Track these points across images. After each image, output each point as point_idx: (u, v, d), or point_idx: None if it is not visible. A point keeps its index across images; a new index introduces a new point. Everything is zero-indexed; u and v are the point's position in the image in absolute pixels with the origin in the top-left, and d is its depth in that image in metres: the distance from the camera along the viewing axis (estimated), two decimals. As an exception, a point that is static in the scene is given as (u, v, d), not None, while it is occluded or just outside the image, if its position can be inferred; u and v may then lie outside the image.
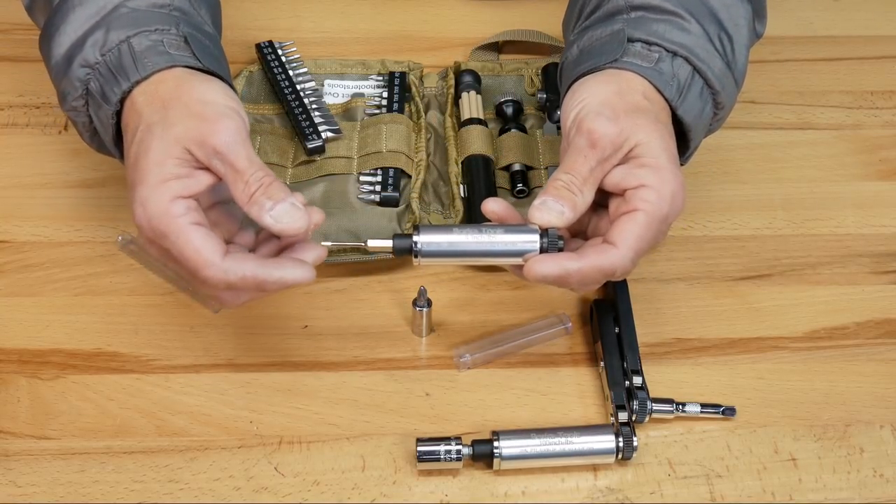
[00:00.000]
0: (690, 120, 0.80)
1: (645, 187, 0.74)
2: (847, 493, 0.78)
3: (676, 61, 0.79)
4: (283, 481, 0.78)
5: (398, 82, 1.02)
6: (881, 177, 0.99)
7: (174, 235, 0.71)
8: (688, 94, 0.80)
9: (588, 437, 0.77)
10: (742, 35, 0.83)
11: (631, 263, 0.74)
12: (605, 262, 0.73)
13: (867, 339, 0.87)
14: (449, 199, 0.94)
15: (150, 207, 0.71)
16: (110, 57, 0.77)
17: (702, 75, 0.80)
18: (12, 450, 0.78)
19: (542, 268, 0.73)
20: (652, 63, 0.79)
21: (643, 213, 0.74)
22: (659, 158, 0.75)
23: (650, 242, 0.75)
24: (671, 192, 0.74)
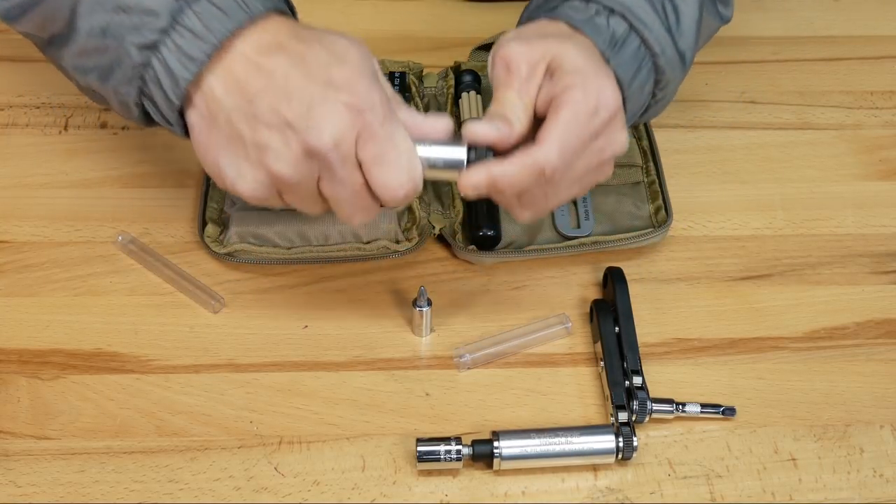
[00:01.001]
0: (624, 76, 0.78)
1: (568, 87, 0.74)
2: (847, 493, 0.78)
3: (613, 18, 0.79)
4: (283, 481, 0.78)
5: (398, 82, 1.02)
6: (881, 177, 0.99)
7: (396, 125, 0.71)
8: (622, 48, 0.79)
9: (588, 437, 0.77)
10: (691, 8, 0.82)
11: (558, 158, 0.73)
12: (529, 159, 0.72)
13: (867, 339, 0.87)
14: (449, 199, 0.94)
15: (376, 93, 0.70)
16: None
17: (638, 34, 0.79)
18: (12, 450, 0.78)
19: (470, 177, 0.73)
20: (587, 16, 0.79)
21: (566, 107, 0.73)
22: (576, 61, 0.75)
23: (580, 137, 0.74)
24: (595, 85, 0.74)
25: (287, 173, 0.71)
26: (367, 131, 0.70)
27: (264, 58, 0.71)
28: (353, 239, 0.90)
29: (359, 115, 0.70)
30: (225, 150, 0.73)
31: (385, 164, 0.71)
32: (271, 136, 0.71)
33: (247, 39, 0.72)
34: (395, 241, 0.90)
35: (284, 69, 0.70)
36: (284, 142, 0.70)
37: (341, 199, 0.73)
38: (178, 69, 0.71)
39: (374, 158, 0.71)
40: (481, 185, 0.73)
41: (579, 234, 0.91)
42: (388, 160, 0.71)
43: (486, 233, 0.90)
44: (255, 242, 0.89)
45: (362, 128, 0.70)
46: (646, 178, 0.96)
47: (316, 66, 0.70)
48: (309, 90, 0.70)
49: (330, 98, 0.70)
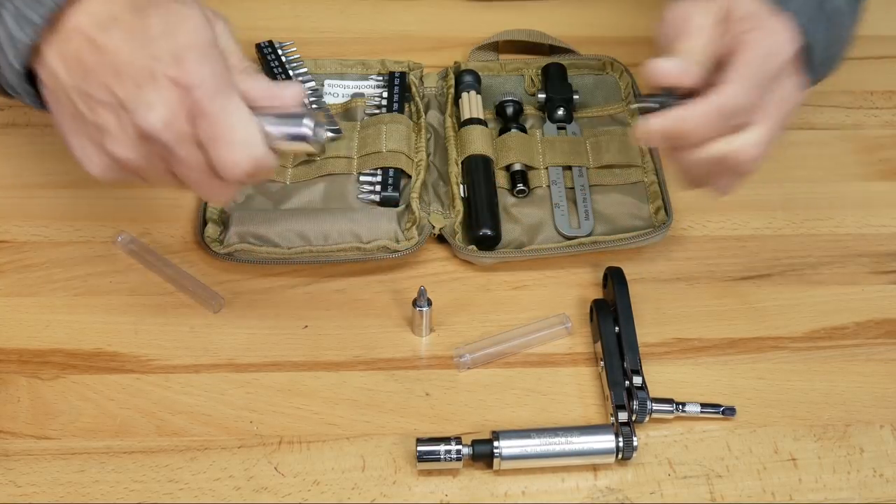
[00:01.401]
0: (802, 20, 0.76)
1: (744, 31, 0.72)
2: (847, 493, 0.78)
3: None
4: (283, 481, 0.78)
5: (398, 82, 1.02)
6: (881, 177, 0.99)
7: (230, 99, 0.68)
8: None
9: (588, 437, 0.77)
10: None
11: (744, 96, 0.71)
12: (716, 100, 0.70)
13: (867, 339, 0.87)
14: (449, 199, 0.94)
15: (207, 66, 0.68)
16: None
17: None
18: (12, 450, 0.78)
19: (656, 122, 0.71)
20: None
21: (744, 50, 0.72)
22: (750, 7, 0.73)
23: (762, 78, 0.72)
24: (768, 28, 0.73)
25: (127, 156, 0.70)
26: (196, 108, 0.68)
27: (99, 32, 0.69)
28: (353, 239, 0.90)
29: (187, 92, 0.67)
30: (70, 129, 0.72)
31: (219, 141, 0.68)
32: (108, 118, 0.69)
33: (85, 10, 0.69)
34: (395, 241, 0.90)
35: (116, 44, 0.68)
36: (119, 124, 0.69)
37: (190, 180, 0.71)
38: (16, 32, 0.70)
39: (208, 136, 0.68)
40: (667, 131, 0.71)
41: (579, 234, 0.91)
42: (222, 137, 0.68)
43: (486, 233, 0.90)
44: (255, 242, 0.89)
45: (192, 105, 0.68)
46: (646, 178, 0.96)
47: (147, 40, 0.68)
48: (138, 67, 0.68)
49: (158, 75, 0.67)
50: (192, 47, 0.68)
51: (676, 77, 0.72)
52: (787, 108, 0.76)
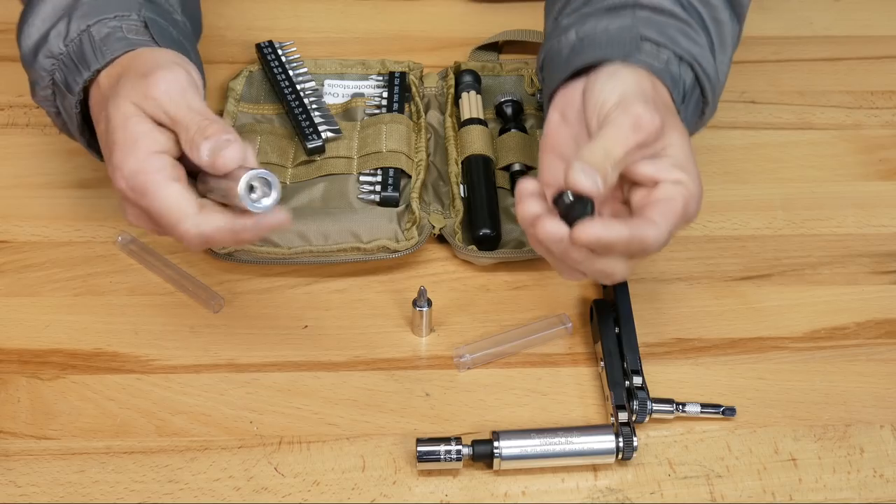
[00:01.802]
0: (689, 126, 0.80)
1: (681, 183, 0.73)
2: (847, 493, 0.78)
3: (682, 66, 0.79)
4: (283, 481, 0.78)
5: (398, 82, 1.02)
6: (881, 177, 0.99)
7: (152, 190, 0.71)
8: (690, 100, 0.80)
9: (588, 437, 0.77)
10: (727, 55, 0.84)
11: (662, 244, 0.73)
12: (647, 233, 0.71)
13: (867, 339, 0.87)
14: (449, 199, 0.94)
15: (126, 167, 0.71)
16: (73, 47, 0.78)
17: (700, 85, 0.80)
18: (12, 450, 0.78)
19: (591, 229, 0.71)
20: (662, 64, 0.78)
21: (681, 200, 0.73)
22: (689, 162, 0.74)
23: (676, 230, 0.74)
24: (699, 194, 0.74)
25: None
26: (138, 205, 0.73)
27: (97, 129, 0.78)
28: (353, 239, 0.90)
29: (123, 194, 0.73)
30: None
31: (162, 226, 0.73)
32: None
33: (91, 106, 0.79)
34: (395, 241, 0.90)
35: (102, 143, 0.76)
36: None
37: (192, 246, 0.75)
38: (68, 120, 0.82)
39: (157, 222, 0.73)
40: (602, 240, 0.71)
41: (579, 234, 0.91)
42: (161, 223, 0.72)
43: (486, 233, 0.90)
44: (255, 242, 0.89)
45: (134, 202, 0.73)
46: (646, 178, 0.96)
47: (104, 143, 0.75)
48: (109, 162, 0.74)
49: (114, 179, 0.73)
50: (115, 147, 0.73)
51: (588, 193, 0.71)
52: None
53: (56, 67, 0.79)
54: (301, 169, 0.96)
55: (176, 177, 0.72)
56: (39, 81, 0.81)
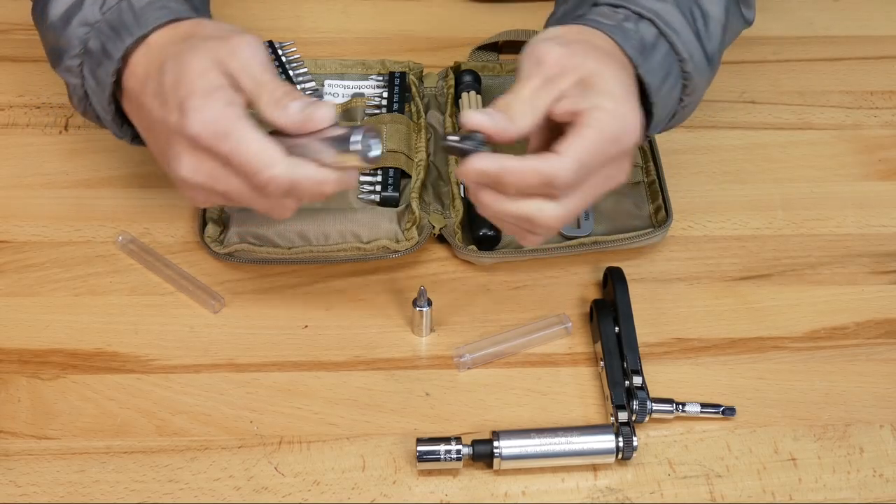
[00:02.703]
0: (653, 82, 0.78)
1: (597, 108, 0.72)
2: (847, 493, 0.78)
3: (642, 23, 0.79)
4: (283, 481, 0.78)
5: (398, 82, 1.02)
6: (881, 177, 0.99)
7: (237, 134, 0.71)
8: (651, 54, 0.78)
9: (588, 437, 0.77)
10: (718, 13, 0.82)
11: (572, 174, 0.71)
12: (544, 165, 0.71)
13: (867, 339, 0.87)
14: (449, 199, 0.94)
15: (207, 112, 0.71)
16: (110, 15, 0.78)
17: (668, 39, 0.79)
18: (12, 450, 0.79)
19: (479, 161, 0.72)
20: (615, 22, 0.78)
21: (591, 127, 0.72)
22: (610, 83, 0.73)
23: (597, 160, 0.73)
24: (623, 113, 0.73)
25: (191, 196, 0.77)
26: (211, 153, 0.72)
27: (140, 94, 0.76)
28: (353, 239, 0.90)
29: (195, 140, 0.72)
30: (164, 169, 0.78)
31: (245, 171, 0.72)
32: (167, 167, 0.76)
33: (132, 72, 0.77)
34: (395, 241, 0.90)
35: (149, 102, 0.75)
36: (172, 173, 0.76)
37: (242, 203, 0.75)
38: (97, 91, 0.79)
39: (236, 170, 0.73)
40: (487, 174, 0.72)
41: (579, 234, 0.91)
42: (245, 168, 0.72)
43: (486, 233, 0.90)
44: (255, 242, 0.89)
45: (206, 150, 0.72)
46: (646, 178, 0.96)
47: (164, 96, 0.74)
48: (161, 123, 0.74)
49: (172, 129, 0.73)
50: (190, 96, 0.72)
51: (486, 130, 0.73)
52: (606, 188, 0.76)
53: (90, 35, 0.78)
54: (301, 169, 0.96)
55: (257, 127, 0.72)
56: (69, 50, 0.79)
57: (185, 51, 0.73)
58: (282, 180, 0.72)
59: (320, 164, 0.73)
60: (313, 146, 0.73)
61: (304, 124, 0.73)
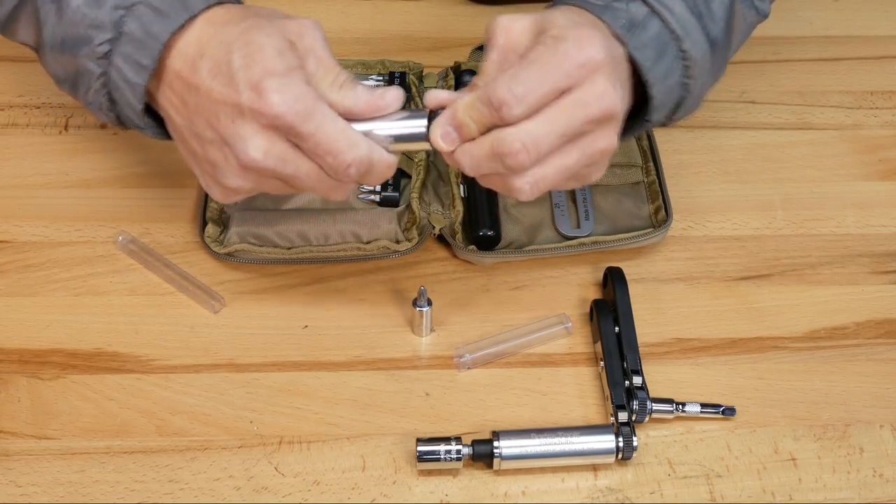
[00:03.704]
0: (644, 60, 0.76)
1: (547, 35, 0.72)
2: (847, 493, 0.78)
3: (633, 3, 0.77)
4: (283, 481, 0.78)
5: (398, 82, 1.02)
6: (881, 177, 0.99)
7: (321, 113, 0.71)
8: (640, 31, 0.76)
9: (588, 437, 0.77)
10: None
11: (511, 94, 0.70)
12: (486, 91, 0.70)
13: (867, 339, 0.87)
14: (449, 199, 0.94)
15: (288, 91, 0.70)
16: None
17: (659, 16, 0.76)
18: (12, 450, 0.79)
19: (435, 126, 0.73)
20: (605, 2, 0.76)
21: (539, 49, 0.71)
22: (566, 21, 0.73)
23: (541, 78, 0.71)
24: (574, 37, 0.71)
25: (239, 184, 0.74)
26: (291, 133, 0.71)
27: (192, 73, 0.73)
28: (353, 239, 0.90)
29: (275, 120, 0.70)
30: (192, 163, 0.77)
31: (324, 153, 0.71)
32: (216, 154, 0.74)
33: (180, 53, 0.74)
34: (395, 241, 0.90)
35: (207, 83, 0.72)
36: (226, 159, 0.73)
37: (305, 186, 0.74)
38: (132, 76, 0.75)
39: (311, 151, 0.72)
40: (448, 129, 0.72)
41: (579, 234, 0.91)
42: (326, 149, 0.71)
43: (486, 233, 0.90)
44: (255, 242, 0.89)
45: (285, 130, 0.71)
46: (646, 178, 0.96)
47: (231, 75, 0.71)
48: (228, 103, 0.71)
49: (244, 109, 0.71)
50: (269, 76, 0.70)
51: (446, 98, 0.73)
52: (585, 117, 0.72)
53: (126, 18, 0.74)
54: (301, 169, 0.96)
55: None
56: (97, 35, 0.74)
57: (252, 29, 0.72)
58: (363, 161, 0.72)
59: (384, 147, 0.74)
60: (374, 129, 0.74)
61: (373, 106, 0.73)
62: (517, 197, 0.75)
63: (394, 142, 0.74)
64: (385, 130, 0.74)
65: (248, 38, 0.72)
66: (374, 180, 0.75)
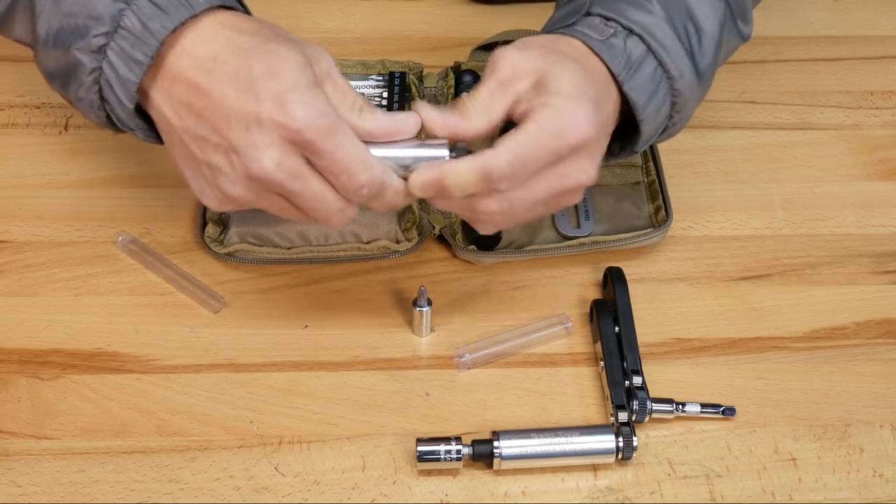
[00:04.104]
0: (639, 100, 0.77)
1: (544, 105, 0.72)
2: (847, 493, 0.78)
3: (631, 39, 0.77)
4: (283, 481, 0.78)
5: (398, 82, 1.02)
6: (881, 177, 0.99)
7: (342, 132, 0.70)
8: (638, 71, 0.77)
9: (588, 437, 0.77)
10: (712, 27, 0.81)
11: (506, 165, 0.71)
12: (478, 162, 0.71)
13: (867, 339, 0.87)
14: (449, 199, 0.94)
15: (313, 107, 0.69)
16: None
17: (657, 56, 0.78)
18: (12, 450, 0.79)
19: (419, 174, 0.72)
20: (604, 37, 0.77)
21: (532, 122, 0.72)
22: (562, 83, 0.73)
23: (537, 153, 0.72)
24: (569, 110, 0.72)
25: (241, 194, 0.72)
26: (309, 149, 0.70)
27: (204, 76, 0.71)
28: (353, 239, 0.90)
29: (296, 134, 0.69)
30: (185, 166, 0.75)
31: (341, 171, 0.71)
32: (220, 159, 0.72)
33: (188, 53, 0.72)
34: (395, 241, 0.90)
35: (221, 88, 0.70)
36: (231, 165, 0.71)
37: (307, 206, 0.72)
38: (125, 72, 0.72)
39: (327, 168, 0.71)
40: (429, 186, 0.72)
41: (579, 234, 0.91)
42: (344, 168, 0.70)
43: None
44: (255, 242, 0.89)
45: (303, 146, 0.70)
46: (646, 178, 0.96)
47: (250, 83, 0.70)
48: (244, 111, 0.69)
49: (263, 119, 0.69)
50: (294, 89, 0.69)
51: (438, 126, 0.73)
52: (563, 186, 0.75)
53: (126, 13, 0.72)
54: (301, 169, 0.96)
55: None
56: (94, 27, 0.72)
57: (273, 42, 0.71)
58: (376, 183, 0.71)
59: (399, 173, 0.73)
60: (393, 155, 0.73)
61: (393, 131, 0.72)
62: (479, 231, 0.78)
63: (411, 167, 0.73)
64: (404, 157, 0.73)
65: (269, 48, 0.71)
66: (381, 205, 0.73)
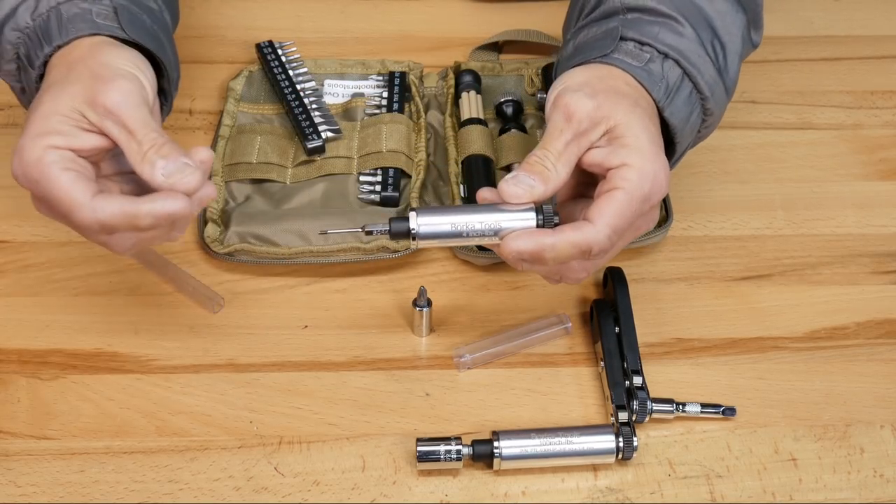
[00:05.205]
0: (677, 123, 0.80)
1: (626, 166, 0.73)
2: (847, 493, 0.78)
3: (667, 63, 0.79)
4: (283, 481, 0.78)
5: (398, 82, 1.02)
6: (881, 177, 0.99)
7: (44, 180, 0.71)
8: (676, 96, 0.79)
9: (588, 437, 0.77)
10: (735, 44, 0.83)
11: (607, 240, 0.73)
12: (579, 237, 0.72)
13: (867, 339, 0.87)
14: (449, 199, 0.94)
15: (24, 155, 0.71)
16: (39, 21, 0.77)
17: (692, 79, 0.80)
18: (12, 450, 0.79)
19: (517, 243, 0.73)
20: (642, 63, 0.79)
21: (622, 190, 0.73)
22: (640, 138, 0.74)
23: (629, 221, 0.74)
24: (653, 171, 0.74)
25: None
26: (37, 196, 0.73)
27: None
28: (353, 239, 0.90)
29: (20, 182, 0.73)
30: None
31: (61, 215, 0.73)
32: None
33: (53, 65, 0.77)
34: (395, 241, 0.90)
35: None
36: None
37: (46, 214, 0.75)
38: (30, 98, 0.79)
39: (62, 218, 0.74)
40: (526, 252, 0.73)
41: (579, 234, 0.91)
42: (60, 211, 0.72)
43: (486, 233, 0.90)
44: (255, 242, 0.89)
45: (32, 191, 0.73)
46: (646, 178, 0.96)
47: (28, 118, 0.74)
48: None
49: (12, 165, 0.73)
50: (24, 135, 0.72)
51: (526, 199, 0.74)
52: (635, 237, 0.78)
53: (21, 41, 0.78)
54: (301, 169, 0.96)
55: (73, 168, 0.71)
56: (4, 55, 0.79)
57: (56, 85, 0.73)
58: (88, 221, 0.71)
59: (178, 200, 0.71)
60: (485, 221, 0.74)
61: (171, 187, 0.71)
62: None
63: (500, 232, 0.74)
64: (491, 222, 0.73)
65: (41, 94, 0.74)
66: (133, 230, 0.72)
